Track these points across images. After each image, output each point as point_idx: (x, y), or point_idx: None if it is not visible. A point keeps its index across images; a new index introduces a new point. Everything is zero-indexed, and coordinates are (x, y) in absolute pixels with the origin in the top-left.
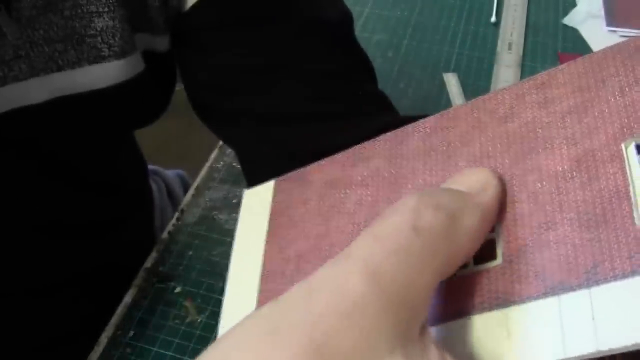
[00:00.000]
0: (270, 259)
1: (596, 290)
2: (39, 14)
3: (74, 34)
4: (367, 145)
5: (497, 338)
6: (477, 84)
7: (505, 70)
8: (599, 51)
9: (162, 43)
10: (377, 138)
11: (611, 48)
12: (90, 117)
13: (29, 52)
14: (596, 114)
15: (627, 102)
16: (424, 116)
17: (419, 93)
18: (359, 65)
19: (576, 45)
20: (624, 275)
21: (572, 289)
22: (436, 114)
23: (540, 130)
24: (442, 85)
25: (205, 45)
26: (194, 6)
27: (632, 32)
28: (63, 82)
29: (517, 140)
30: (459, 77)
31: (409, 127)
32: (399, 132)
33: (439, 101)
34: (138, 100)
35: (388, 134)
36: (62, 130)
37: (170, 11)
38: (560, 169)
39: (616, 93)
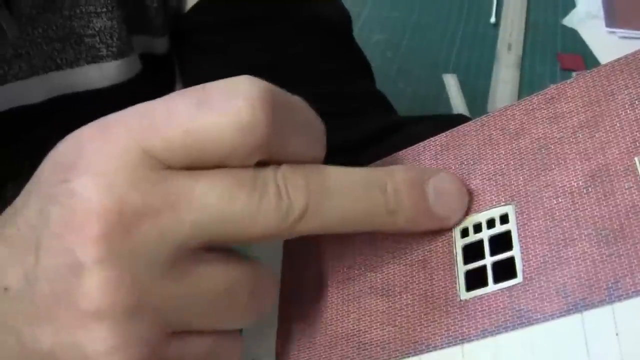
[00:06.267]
0: (288, 281)
1: (619, 306)
2: (39, 13)
3: (73, 34)
4: (378, 165)
5: (522, 357)
6: (476, 83)
7: (505, 70)
8: (607, 64)
9: (161, 45)
10: (387, 157)
11: (619, 60)
12: (88, 117)
13: (28, 50)
14: (607, 128)
15: (638, 116)
16: (423, 117)
17: (418, 93)
18: (358, 64)
19: (575, 45)
20: None
21: (594, 305)
22: (446, 132)
23: (552, 146)
24: (442, 85)
25: (206, 45)
26: (194, 6)
27: (632, 33)
28: (61, 81)
29: (530, 156)
30: (458, 76)
31: (419, 146)
32: (409, 150)
33: (439, 101)
34: (135, 102)
35: (398, 153)
36: (62, 130)
37: (169, 12)
38: (575, 184)
39: (626, 106)
